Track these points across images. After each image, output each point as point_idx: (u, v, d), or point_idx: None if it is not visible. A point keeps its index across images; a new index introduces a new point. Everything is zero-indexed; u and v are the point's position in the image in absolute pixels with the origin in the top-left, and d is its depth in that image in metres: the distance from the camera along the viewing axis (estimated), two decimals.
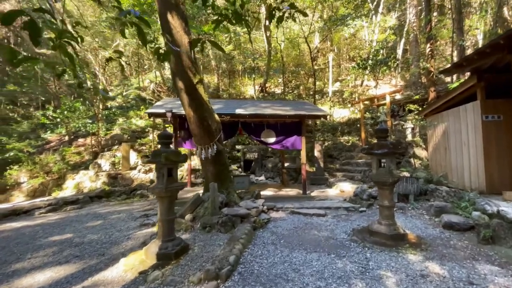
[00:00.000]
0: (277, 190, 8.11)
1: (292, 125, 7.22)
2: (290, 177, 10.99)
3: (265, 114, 6.70)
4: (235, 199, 5.31)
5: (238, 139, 13.96)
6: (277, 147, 7.30)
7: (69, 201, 7.87)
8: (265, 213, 5.26)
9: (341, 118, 16.08)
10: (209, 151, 5.05)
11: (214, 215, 4.62)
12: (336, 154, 12.25)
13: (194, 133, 5.17)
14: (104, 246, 4.18)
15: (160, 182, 3.40)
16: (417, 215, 5.35)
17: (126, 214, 6.54)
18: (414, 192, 6.11)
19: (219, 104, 7.62)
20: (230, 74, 21.87)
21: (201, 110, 4.87)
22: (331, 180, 9.65)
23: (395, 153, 3.92)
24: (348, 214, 5.72)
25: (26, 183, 10.99)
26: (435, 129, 7.13)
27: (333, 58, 19.83)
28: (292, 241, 4.04)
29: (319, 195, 7.63)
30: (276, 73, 20.20)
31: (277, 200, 6.78)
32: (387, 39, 16.64)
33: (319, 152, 10.32)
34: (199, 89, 4.78)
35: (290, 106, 7.84)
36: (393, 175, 3.87)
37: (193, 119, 4.89)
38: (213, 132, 5.14)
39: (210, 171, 5.35)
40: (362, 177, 9.24)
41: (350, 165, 10.49)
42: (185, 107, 4.86)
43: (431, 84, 11.14)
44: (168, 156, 3.29)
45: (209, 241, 4.02)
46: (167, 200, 3.45)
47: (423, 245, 3.70)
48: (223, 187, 5.39)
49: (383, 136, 4.01)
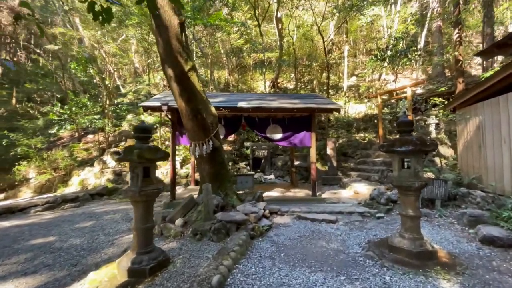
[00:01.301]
0: (285, 191, 7.46)
1: (301, 120, 6.53)
2: (301, 176, 10.29)
3: (270, 107, 6.04)
4: (233, 202, 4.72)
5: (247, 135, 13.40)
6: (284, 144, 6.64)
7: (68, 198, 7.60)
8: (267, 218, 4.64)
9: (357, 113, 15.11)
10: (204, 148, 4.48)
11: (207, 221, 4.06)
12: (350, 152, 11.39)
13: (187, 128, 4.63)
14: (82, 253, 3.72)
15: (134, 184, 2.86)
16: (445, 225, 4.54)
17: (122, 214, 6.14)
18: (441, 197, 5.28)
19: (221, 97, 7.04)
20: (240, 70, 21.30)
21: (194, 102, 4.31)
22: (344, 180, 8.86)
23: (422, 151, 3.17)
24: (363, 220, 4.99)
25: (34, 179, 10.97)
26: (466, 124, 6.20)
27: (349, 51, 18.75)
28: (295, 254, 3.41)
29: (331, 197, 6.91)
30: (289, 67, 19.39)
31: (283, 202, 6.13)
32: (408, 29, 15.41)
33: (332, 150, 9.54)
34: (192, 78, 4.21)
35: (299, 99, 7.13)
36: (419, 178, 3.13)
37: (185, 112, 4.34)
38: (208, 126, 4.56)
39: (206, 171, 4.79)
40: (379, 177, 8.39)
41: (366, 164, 9.64)
42: (176, 98, 4.31)
43: (459, 75, 10.02)
44: (142, 153, 2.74)
45: (197, 252, 3.46)
46: (142, 205, 2.91)
47: (458, 267, 2.95)
48: (221, 189, 4.82)
49: (407, 130, 3.27)
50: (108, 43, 11.88)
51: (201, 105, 4.37)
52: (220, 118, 6.27)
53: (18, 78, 18.28)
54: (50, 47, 13.03)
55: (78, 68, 11.45)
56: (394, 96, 10.84)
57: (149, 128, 3.01)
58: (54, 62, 16.67)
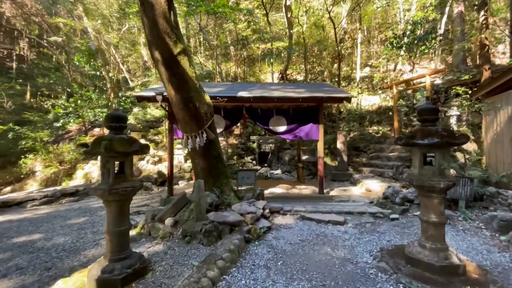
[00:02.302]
0: (290, 187, 6.98)
1: (307, 111, 5.98)
2: (309, 171, 9.78)
3: (273, 97, 5.53)
4: (230, 200, 4.30)
5: (254, 129, 12.93)
6: (288, 137, 6.13)
7: (68, 192, 7.42)
8: (267, 218, 4.20)
9: (370, 105, 14.31)
10: (197, 141, 4.06)
11: (200, 221, 3.65)
12: (363, 146, 10.72)
13: (178, 118, 4.21)
14: (61, 255, 3.41)
15: (104, 181, 2.47)
16: (471, 230, 3.96)
17: None
18: (466, 197, 4.66)
19: (221, 87, 6.58)
20: (249, 61, 20.73)
21: (185, 89, 3.87)
22: (355, 176, 8.28)
23: (449, 145, 2.61)
24: (375, 222, 4.47)
25: (39, 172, 10.98)
26: (496, 115, 5.49)
27: (362, 39, 17.78)
28: (294, 263, 2.95)
29: (340, 195, 6.38)
30: (298, 57, 18.66)
31: (287, 200, 5.67)
32: (427, 13, 14.32)
33: (342, 144, 8.94)
34: (182, 62, 3.76)
35: (305, 88, 6.57)
36: (446, 177, 2.59)
37: (175, 100, 3.90)
38: (202, 117, 4.12)
39: (200, 166, 4.38)
40: (393, 174, 7.76)
41: (380, 159, 8.99)
42: (165, 84, 3.88)
43: (485, 61, 9.12)
44: (112, 145, 2.34)
45: (183, 257, 3.07)
46: (115, 205, 2.52)
47: (491, 285, 2.42)
48: (216, 185, 4.40)
49: (431, 119, 2.71)
50: (109, 33, 11.58)
51: (193, 93, 3.92)
52: (219, 109, 5.83)
53: (31, 72, 18.47)
54: (53, 39, 12.89)
55: (82, 60, 11.25)
56: (411, 86, 10.06)
57: (123, 117, 2.59)
58: (62, 56, 16.67)
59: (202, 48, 21.72)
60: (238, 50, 19.13)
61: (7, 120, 12.86)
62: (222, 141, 12.70)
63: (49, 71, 18.69)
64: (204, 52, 21.37)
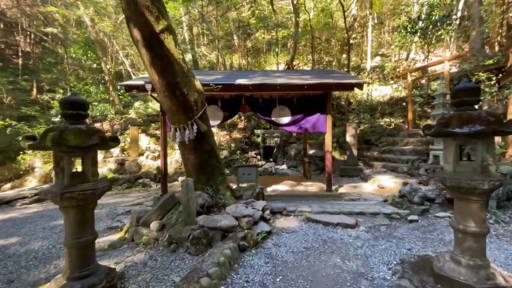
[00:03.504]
0: (296, 184, 6.46)
1: (314, 100, 5.39)
2: (315, 166, 9.21)
3: (275, 84, 4.96)
4: (225, 201, 3.80)
5: (259, 122, 12.37)
6: (293, 129, 5.57)
7: None
8: (267, 221, 3.69)
9: (381, 96, 13.53)
10: (186, 133, 3.55)
11: (189, 225, 3.18)
12: (374, 140, 10.06)
13: (164, 107, 3.70)
14: (30, 264, 3.00)
15: (58, 183, 2.00)
16: (507, 235, 3.37)
17: (109, 209, 5.47)
18: (497, 196, 4.05)
19: (219, 75, 6.04)
20: (254, 53, 20.08)
21: (170, 73, 3.34)
22: (366, 171, 7.68)
23: (497, 134, 2.03)
24: (391, 225, 3.91)
25: (38, 168, 10.74)
26: None
27: (373, 26, 16.84)
28: (296, 279, 2.45)
29: (350, 192, 5.82)
30: (305, 47, 17.87)
31: (291, 199, 5.15)
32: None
33: (352, 137, 8.32)
34: (166, 41, 3.23)
35: (311, 75, 5.96)
36: (490, 175, 2.01)
37: (159, 86, 3.39)
38: (191, 105, 3.60)
39: (191, 162, 3.88)
40: (408, 169, 7.12)
41: (393, 153, 8.34)
42: (148, 69, 3.37)
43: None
44: (62, 138, 1.85)
45: (163, 270, 2.60)
46: (73, 212, 2.06)
47: None
48: (210, 183, 3.90)
49: (471, 102, 2.11)
50: (103, 21, 11.10)
51: (180, 78, 3.40)
52: (216, 99, 5.31)
53: (37, 68, 18.27)
54: (49, 30, 12.53)
55: (78, 52, 10.87)
56: (428, 74, 9.28)
57: (82, 102, 2.10)
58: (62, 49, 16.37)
59: (205, 39, 21.15)
60: (242, 41, 18.49)
61: (7, 115, 12.66)
62: (225, 135, 12.22)
63: (53, 66, 18.49)
64: (208, 45, 20.82)
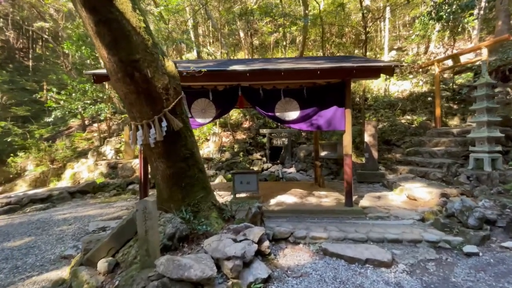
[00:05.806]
0: (306, 194, 5.35)
1: (329, 90, 4.28)
2: (328, 170, 8.05)
3: (279, 69, 3.86)
4: (207, 226, 2.72)
5: (265, 120, 11.29)
6: (302, 127, 4.46)
7: (37, 198, 6.25)
8: (266, 256, 2.61)
9: (400, 92, 12.22)
10: (151, 133, 2.52)
11: (147, 268, 2.14)
12: (395, 140, 8.82)
13: (120, 96, 2.68)
14: None
15: None
16: None
17: (81, 224, 4.56)
18: None
19: (211, 63, 5.00)
20: (261, 49, 19.09)
21: (125, 47, 2.31)
22: (389, 177, 6.50)
23: None
24: (441, 260, 2.79)
25: (29, 172, 10.04)
26: None
27: (389, 18, 15.50)
28: None
29: (375, 206, 4.65)
30: (315, 42, 16.70)
31: (301, 216, 4.05)
32: None
33: (371, 137, 7.14)
34: (117, 2, 2.22)
35: (325, 59, 4.85)
36: None
37: (109, 65, 2.36)
38: (158, 94, 2.53)
39: (161, 172, 2.80)
40: (443, 175, 5.88)
41: (420, 156, 7.09)
42: (93, 40, 2.36)
43: None
44: None
45: None
46: None
47: None
48: (187, 202, 2.83)
49: None
50: None
51: (140, 55, 2.37)
52: (206, 91, 4.28)
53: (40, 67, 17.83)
54: (40, 24, 11.86)
55: (71, 48, 10.09)
56: (460, 63, 7.98)
57: None
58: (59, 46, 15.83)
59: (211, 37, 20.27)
60: (248, 37, 17.52)
61: (1, 116, 12.07)
62: (228, 136, 11.20)
63: (55, 65, 18.02)
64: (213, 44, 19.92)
